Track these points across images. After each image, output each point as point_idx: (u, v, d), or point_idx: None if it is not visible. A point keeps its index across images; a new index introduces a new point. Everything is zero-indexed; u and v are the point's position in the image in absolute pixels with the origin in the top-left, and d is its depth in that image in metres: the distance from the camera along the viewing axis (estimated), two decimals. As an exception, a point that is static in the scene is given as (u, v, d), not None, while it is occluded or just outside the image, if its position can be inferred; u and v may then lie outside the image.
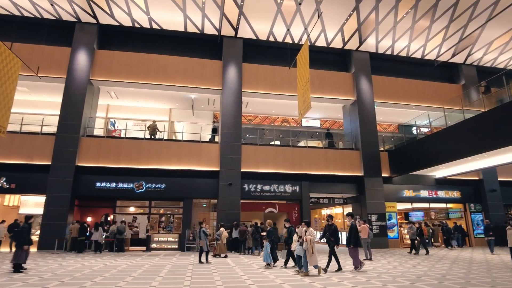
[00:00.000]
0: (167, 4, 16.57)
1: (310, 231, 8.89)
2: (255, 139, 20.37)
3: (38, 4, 16.76)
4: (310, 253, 8.59)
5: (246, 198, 17.52)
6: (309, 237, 8.73)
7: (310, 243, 8.63)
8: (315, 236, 8.88)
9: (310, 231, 8.89)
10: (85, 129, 17.08)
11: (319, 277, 8.47)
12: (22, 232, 9.20)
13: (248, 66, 19.22)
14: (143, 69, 17.99)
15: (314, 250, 8.61)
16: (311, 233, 8.82)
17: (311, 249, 8.61)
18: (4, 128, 11.61)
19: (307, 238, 8.70)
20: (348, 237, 9.73)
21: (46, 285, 6.89)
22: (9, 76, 11.78)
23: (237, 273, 9.04)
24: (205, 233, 11.56)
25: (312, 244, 8.63)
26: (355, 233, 9.68)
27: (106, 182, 16.42)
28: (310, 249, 8.61)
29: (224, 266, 10.73)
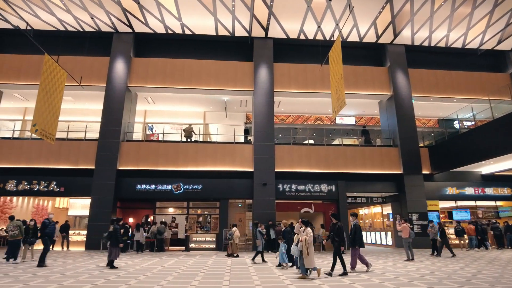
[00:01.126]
0: (198, 9, 16.94)
1: (307, 231, 8.44)
2: (288, 139, 20.28)
3: (80, 18, 17.79)
4: (305, 254, 8.12)
5: (281, 198, 17.48)
6: (305, 237, 8.27)
7: (305, 244, 8.16)
8: (312, 236, 8.32)
9: (307, 231, 8.44)
10: (125, 134, 17.86)
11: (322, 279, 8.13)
12: (116, 232, 10.11)
13: (279, 66, 19.18)
14: (178, 74, 18.51)
15: (310, 252, 8.12)
16: (307, 233, 8.34)
17: (306, 250, 8.12)
18: (53, 136, 12.43)
19: (302, 238, 8.32)
20: (352, 237, 9.50)
21: (95, 282, 7.29)
22: (56, 87, 12.60)
23: (274, 273, 9.04)
24: (261, 233, 11.77)
25: (308, 245, 8.14)
26: (359, 233, 9.48)
27: (146, 184, 17.07)
28: (305, 250, 8.13)
29: (261, 265, 10.77)
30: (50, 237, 10.51)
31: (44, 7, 16.92)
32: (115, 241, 10.02)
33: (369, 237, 22.25)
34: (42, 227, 10.44)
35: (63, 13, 17.40)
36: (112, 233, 10.13)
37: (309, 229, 8.48)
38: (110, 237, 10.13)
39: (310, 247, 8.17)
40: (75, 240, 17.06)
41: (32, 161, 16.91)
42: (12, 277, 7.93)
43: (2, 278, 7.67)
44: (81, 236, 17.22)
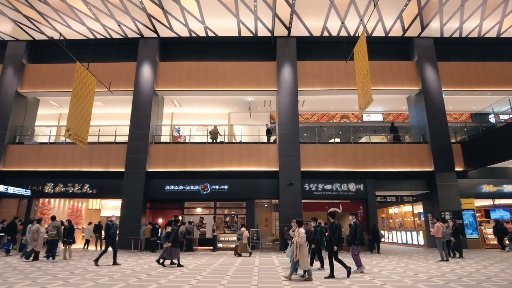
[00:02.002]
0: (221, 12, 17.10)
1: (299, 232, 8.10)
2: (313, 138, 20.05)
3: (108, 26, 18.45)
4: (294, 255, 7.89)
5: (307, 198, 17.32)
6: (297, 238, 7.97)
7: (296, 245, 7.88)
8: (303, 237, 7.98)
9: (299, 232, 8.10)
10: (153, 137, 18.32)
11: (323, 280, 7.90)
12: (175, 233, 10.53)
13: (303, 64, 19.01)
14: (202, 77, 18.77)
15: (302, 253, 7.82)
16: (299, 234, 8.02)
17: (296, 251, 7.85)
18: (85, 140, 12.95)
19: (294, 240, 8.06)
20: (353, 235, 9.39)
21: (127, 281, 7.52)
22: (87, 93, 13.13)
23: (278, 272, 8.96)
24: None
25: (300, 247, 7.85)
26: (360, 230, 9.36)
27: (174, 185, 17.44)
28: (295, 251, 7.86)
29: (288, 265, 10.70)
30: (114, 238, 10.92)
31: (75, 17, 17.67)
32: (174, 241, 10.41)
33: (400, 237, 21.61)
34: (106, 229, 10.77)
35: (92, 22, 18.11)
36: (172, 234, 10.50)
37: (301, 229, 8.19)
38: (169, 237, 10.47)
39: (302, 248, 7.87)
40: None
41: (67, 164, 17.71)
42: (62, 279, 8.30)
43: (67, 278, 8.06)
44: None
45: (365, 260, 12.41)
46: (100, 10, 17.03)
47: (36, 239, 11.56)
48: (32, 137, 19.79)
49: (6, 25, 18.64)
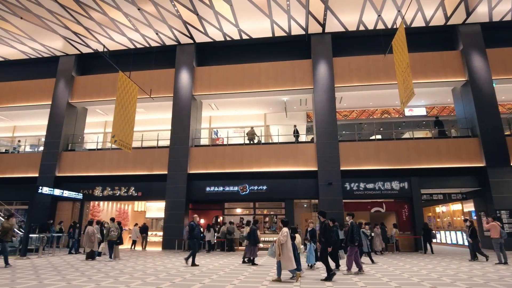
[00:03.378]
0: (254, 13, 17.20)
1: (282, 231, 7.95)
2: (353, 135, 19.51)
3: (146, 35, 19.26)
4: (277, 256, 7.77)
5: (348, 197, 16.89)
6: (280, 238, 7.82)
7: (278, 245, 7.76)
8: (286, 237, 7.81)
9: (282, 231, 7.95)
10: (193, 140, 18.85)
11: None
12: (254, 233, 11.11)
13: (339, 60, 18.59)
14: (238, 79, 19.01)
15: (284, 253, 7.66)
16: (282, 234, 7.87)
17: (278, 251, 7.73)
18: (130, 145, 13.62)
19: (277, 240, 7.90)
20: (350, 236, 9.14)
21: (173, 280, 7.80)
22: (130, 101, 13.80)
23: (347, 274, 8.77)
24: (365, 234, 11.57)
25: (281, 246, 7.71)
26: (357, 232, 9.20)
27: (214, 186, 17.82)
28: (277, 251, 7.74)
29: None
30: (198, 239, 11.39)
31: (117, 29, 18.65)
32: (253, 240, 10.85)
33: (449, 237, 20.42)
34: (190, 229, 11.12)
35: (132, 33, 19.00)
36: (251, 234, 10.93)
37: (284, 229, 8.04)
38: (249, 237, 10.91)
39: (283, 248, 7.73)
40: (152, 241, 18.47)
41: (113, 169, 18.73)
42: (113, 277, 8.81)
43: (118, 276, 8.59)
44: (157, 237, 18.58)
45: (416, 261, 11.89)
46: (139, 20, 17.83)
47: (92, 240, 12.36)
48: (82, 144, 21.17)
49: (58, 42, 20.11)
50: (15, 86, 21.62)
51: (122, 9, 16.89)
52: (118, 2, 16.32)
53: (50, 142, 19.71)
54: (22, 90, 21.41)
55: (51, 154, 19.44)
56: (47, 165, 19.27)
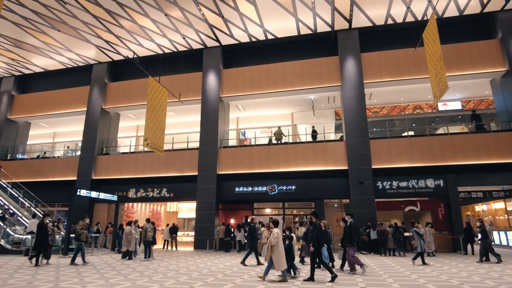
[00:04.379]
0: (279, 13, 17.15)
1: (272, 232, 7.97)
2: (384, 132, 18.93)
3: (174, 40, 19.73)
4: (267, 256, 7.76)
5: (381, 196, 16.42)
6: (271, 239, 7.81)
7: (268, 246, 7.77)
8: (276, 238, 7.77)
9: (272, 232, 7.97)
10: (221, 141, 19.08)
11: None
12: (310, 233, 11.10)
13: (367, 56, 18.13)
14: (264, 80, 19.02)
15: (274, 254, 7.65)
16: (272, 235, 7.88)
17: (268, 252, 7.73)
18: (161, 148, 13.99)
19: (267, 241, 7.89)
20: (348, 237, 8.98)
21: (205, 280, 7.92)
22: (160, 105, 14.18)
23: (380, 275, 8.52)
24: (419, 233, 11.30)
25: (272, 248, 7.70)
26: (356, 233, 9.01)
27: (243, 186, 17.93)
28: (267, 252, 7.74)
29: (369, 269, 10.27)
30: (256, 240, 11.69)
31: (145, 35, 19.24)
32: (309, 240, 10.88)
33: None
34: (252, 231, 11.33)
35: (160, 38, 19.52)
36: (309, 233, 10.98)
37: (275, 230, 7.99)
38: (306, 237, 11.04)
39: (274, 249, 7.72)
40: (184, 241, 18.87)
41: (146, 171, 19.33)
42: (148, 276, 9.10)
43: (152, 275, 8.89)
44: (189, 237, 18.96)
45: (455, 263, 11.38)
46: (166, 26, 18.29)
47: (129, 240, 12.81)
48: (116, 148, 22.01)
49: (91, 51, 21.06)
50: (54, 95, 22.89)
51: (150, 16, 17.40)
52: (146, 9, 16.83)
53: (86, 147, 20.67)
54: (60, 98, 22.62)
55: (88, 158, 20.37)
56: (84, 169, 20.22)
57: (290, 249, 8.55)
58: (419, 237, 11.06)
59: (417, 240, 11.08)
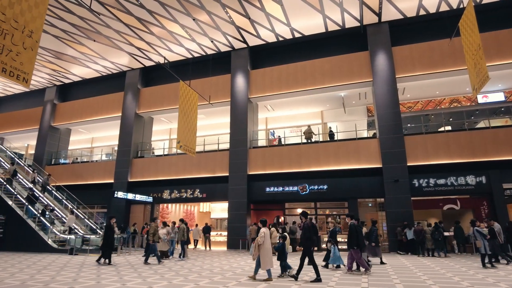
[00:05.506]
0: (306, 10, 16.98)
1: (260, 232, 8.13)
2: (419, 128, 18.18)
3: (202, 44, 20.09)
4: (254, 255, 7.93)
5: (417, 195, 15.80)
6: (258, 239, 7.98)
7: (256, 246, 7.94)
8: (264, 237, 7.93)
9: (260, 232, 8.13)
10: (251, 142, 19.18)
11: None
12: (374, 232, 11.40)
13: (399, 49, 17.51)
14: (292, 78, 18.91)
15: (262, 253, 7.82)
16: (260, 235, 8.04)
17: (256, 251, 7.90)
18: (194, 150, 14.29)
19: (255, 241, 8.05)
20: (349, 239, 8.84)
21: (238, 279, 7.99)
22: (191, 108, 14.49)
23: (419, 276, 8.20)
24: (482, 234, 10.91)
25: (259, 247, 7.87)
26: (356, 235, 8.76)
27: (273, 186, 17.92)
28: (255, 251, 7.91)
29: (402, 268, 9.94)
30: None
31: (175, 41, 19.75)
32: (375, 240, 11.15)
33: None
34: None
35: (189, 43, 19.96)
36: (373, 234, 11.24)
37: (262, 229, 8.15)
38: (369, 237, 11.15)
39: (261, 248, 7.88)
40: (217, 241, 19.14)
41: (179, 172, 19.82)
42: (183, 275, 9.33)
43: (187, 275, 9.14)
44: (222, 237, 19.21)
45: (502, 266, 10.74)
46: (195, 30, 18.66)
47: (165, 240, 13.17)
48: (150, 151, 22.75)
49: (124, 58, 21.93)
50: (91, 102, 24.06)
51: (179, 21, 17.83)
52: (175, 15, 17.27)
53: (122, 150, 21.53)
54: (96, 105, 23.74)
55: (124, 162, 21.22)
56: (120, 172, 21.08)
57: (283, 249, 8.67)
58: (482, 238, 10.40)
59: (480, 241, 10.48)
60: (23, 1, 6.49)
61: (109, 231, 11.59)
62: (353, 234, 8.84)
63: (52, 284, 7.21)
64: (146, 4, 16.42)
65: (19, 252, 15.38)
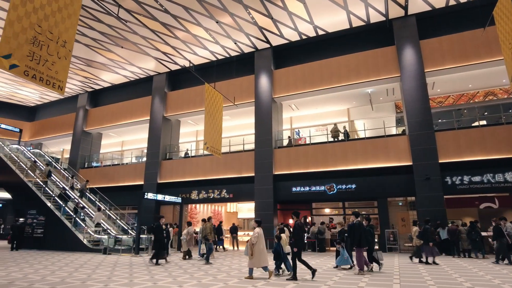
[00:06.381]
0: (329, 7, 16.75)
1: (254, 231, 8.47)
2: (451, 123, 17.42)
3: (226, 46, 20.29)
4: (249, 255, 8.22)
5: (450, 193, 15.15)
6: (251, 238, 8.32)
7: (250, 245, 8.27)
8: (257, 237, 8.29)
9: (254, 231, 8.47)
10: (276, 142, 19.15)
11: None
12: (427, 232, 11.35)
13: (428, 42, 16.89)
14: (317, 77, 18.70)
15: (254, 252, 8.15)
16: (253, 235, 8.38)
17: (250, 250, 8.21)
18: (220, 151, 14.46)
19: (248, 240, 8.37)
20: (351, 238, 8.88)
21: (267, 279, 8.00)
22: (216, 110, 14.67)
23: (455, 278, 7.87)
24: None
25: (252, 246, 8.21)
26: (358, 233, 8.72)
27: (300, 186, 17.79)
28: (249, 251, 8.22)
29: (437, 270, 9.58)
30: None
31: (199, 44, 20.07)
32: (426, 240, 11.09)
33: None
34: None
35: (213, 45, 20.21)
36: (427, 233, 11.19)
37: (256, 229, 8.45)
38: (423, 236, 11.16)
39: (254, 248, 8.18)
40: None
41: (207, 173, 20.11)
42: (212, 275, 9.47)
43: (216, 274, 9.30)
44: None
45: (541, 265, 10.11)
46: (218, 33, 18.88)
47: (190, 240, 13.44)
48: (178, 152, 23.25)
49: (151, 63, 22.55)
50: (120, 106, 24.92)
51: (203, 24, 18.11)
52: (199, 18, 17.55)
53: (151, 153, 22.14)
54: (125, 109, 24.56)
55: (153, 164, 21.80)
56: (150, 173, 21.68)
57: (279, 249, 8.86)
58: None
59: None
60: (57, 13, 6.82)
61: (159, 232, 11.85)
62: (355, 233, 8.83)
63: (89, 282, 7.53)
64: (170, 9, 16.80)
65: (58, 251, 16.18)
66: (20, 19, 6.12)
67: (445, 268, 9.79)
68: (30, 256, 13.75)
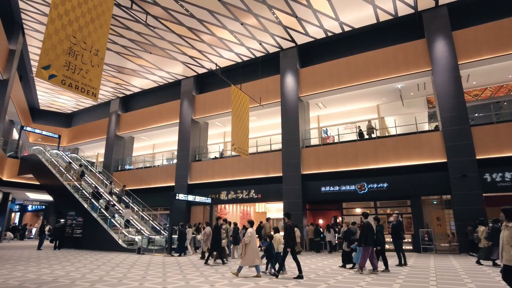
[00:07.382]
0: (354, 3, 16.40)
1: (247, 232, 8.80)
2: (489, 117, 16.48)
3: (251, 47, 20.39)
4: (242, 254, 8.55)
5: (490, 190, 14.34)
6: (245, 238, 8.66)
7: (243, 244, 8.60)
8: (250, 237, 8.61)
9: (247, 232, 8.80)
10: (303, 141, 19.00)
11: None
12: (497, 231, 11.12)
13: (461, 33, 16.11)
14: (344, 74, 18.37)
15: (247, 252, 8.46)
16: (246, 235, 8.73)
17: (243, 250, 8.55)
18: (247, 151, 14.57)
19: (242, 240, 8.71)
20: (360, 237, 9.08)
21: (298, 279, 7.96)
22: (243, 111, 14.79)
23: (498, 281, 7.46)
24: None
25: (245, 246, 8.52)
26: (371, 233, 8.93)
27: (329, 186, 17.55)
28: (242, 250, 8.56)
29: (478, 272, 9.14)
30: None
31: (225, 46, 20.31)
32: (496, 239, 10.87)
33: None
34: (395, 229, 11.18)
35: (238, 47, 20.38)
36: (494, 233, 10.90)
37: (249, 230, 8.81)
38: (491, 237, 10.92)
39: (247, 247, 8.48)
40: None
41: (235, 174, 20.30)
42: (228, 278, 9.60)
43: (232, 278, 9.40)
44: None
45: None
46: (243, 34, 19.01)
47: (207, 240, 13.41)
48: (207, 154, 23.64)
49: (179, 68, 23.10)
50: (151, 111, 25.71)
51: (227, 27, 18.30)
52: (223, 21, 17.76)
53: (181, 155, 22.66)
54: (155, 113, 25.30)
55: (183, 165, 22.30)
56: (180, 175, 22.18)
57: (270, 248, 8.99)
58: None
59: None
60: (90, 24, 7.17)
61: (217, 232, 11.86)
62: (364, 233, 8.93)
63: (125, 280, 7.83)
64: (195, 13, 17.12)
65: (95, 250, 16.93)
66: (57, 32, 6.49)
67: (487, 271, 9.30)
68: (71, 255, 14.50)
